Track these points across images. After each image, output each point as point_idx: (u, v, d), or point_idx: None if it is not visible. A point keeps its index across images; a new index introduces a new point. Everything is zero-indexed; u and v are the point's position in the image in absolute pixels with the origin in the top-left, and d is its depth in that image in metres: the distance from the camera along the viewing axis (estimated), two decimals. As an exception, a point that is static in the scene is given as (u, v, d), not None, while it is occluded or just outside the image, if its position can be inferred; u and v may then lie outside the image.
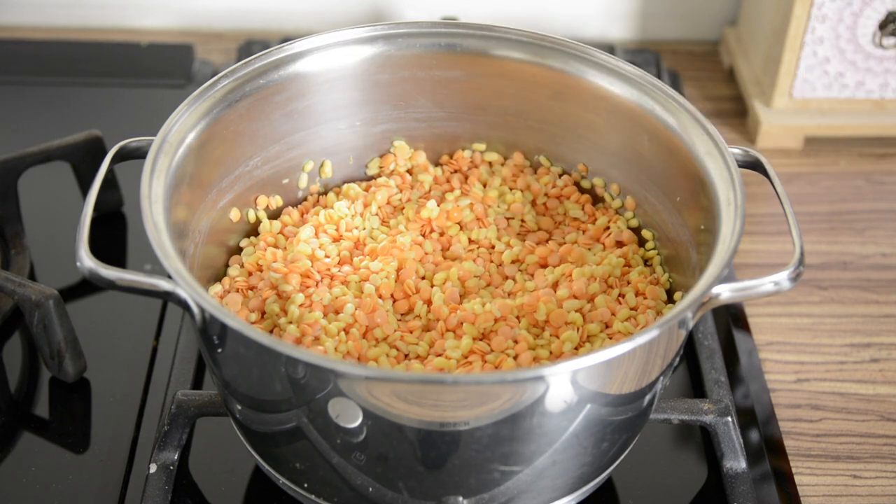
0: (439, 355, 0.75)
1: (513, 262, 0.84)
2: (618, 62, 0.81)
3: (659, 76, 1.19)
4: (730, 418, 0.80)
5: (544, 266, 0.84)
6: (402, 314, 0.80)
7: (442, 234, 0.86)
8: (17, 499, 0.78)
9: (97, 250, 0.68)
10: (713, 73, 1.26)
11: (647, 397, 0.72)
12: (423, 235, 0.85)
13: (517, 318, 0.78)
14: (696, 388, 0.88)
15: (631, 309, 0.79)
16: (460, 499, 0.69)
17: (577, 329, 0.77)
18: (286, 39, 1.13)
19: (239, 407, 0.72)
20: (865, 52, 1.10)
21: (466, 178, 0.90)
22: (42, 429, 0.84)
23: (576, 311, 0.78)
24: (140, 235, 0.94)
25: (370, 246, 0.83)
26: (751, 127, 1.16)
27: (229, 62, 1.22)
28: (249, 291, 0.80)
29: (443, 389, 0.63)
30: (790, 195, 1.07)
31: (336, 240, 0.84)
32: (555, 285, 0.81)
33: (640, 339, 0.63)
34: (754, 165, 0.77)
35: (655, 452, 0.83)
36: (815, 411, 0.88)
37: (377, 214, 0.87)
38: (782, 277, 0.69)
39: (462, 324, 0.77)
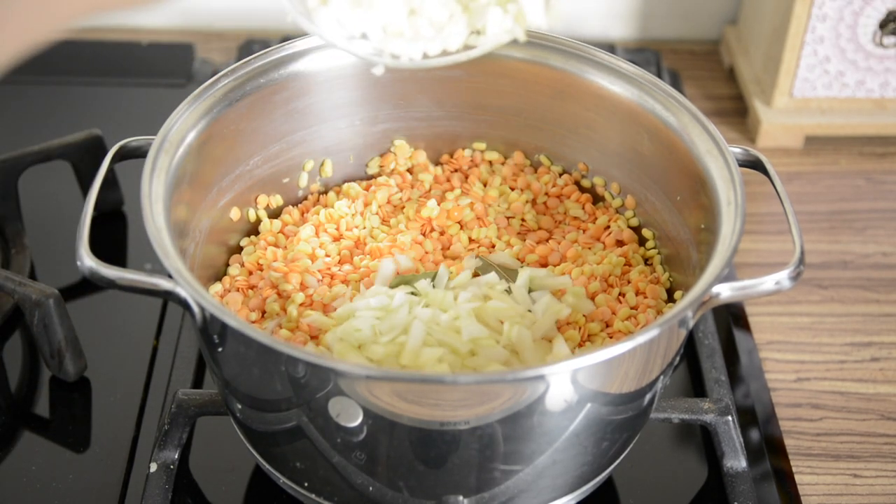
0: (440, 354, 0.75)
1: (513, 261, 0.84)
2: (618, 61, 0.81)
3: (659, 75, 1.19)
4: (730, 417, 0.80)
5: (544, 265, 0.83)
6: (402, 313, 0.80)
7: (442, 233, 0.86)
8: (17, 499, 0.78)
9: (97, 249, 0.68)
10: (713, 72, 1.26)
11: (648, 396, 0.72)
12: (424, 234, 0.85)
13: (517, 317, 0.78)
14: (697, 387, 0.88)
15: (631, 308, 0.78)
16: (460, 498, 0.69)
17: (578, 328, 0.77)
18: (286, 39, 1.13)
19: (239, 406, 0.72)
20: (866, 51, 1.10)
21: (467, 177, 0.90)
22: (42, 428, 0.84)
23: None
24: (140, 235, 0.93)
25: (370, 245, 0.83)
26: (751, 126, 1.16)
27: (229, 61, 1.22)
28: (250, 291, 0.80)
29: (443, 389, 0.63)
30: (790, 194, 1.07)
31: (336, 239, 0.84)
32: (555, 284, 0.81)
33: (641, 339, 0.63)
34: (755, 165, 0.77)
35: (656, 452, 0.83)
36: (815, 410, 0.88)
37: (377, 213, 0.86)
38: (783, 276, 0.69)
39: (462, 323, 0.77)
